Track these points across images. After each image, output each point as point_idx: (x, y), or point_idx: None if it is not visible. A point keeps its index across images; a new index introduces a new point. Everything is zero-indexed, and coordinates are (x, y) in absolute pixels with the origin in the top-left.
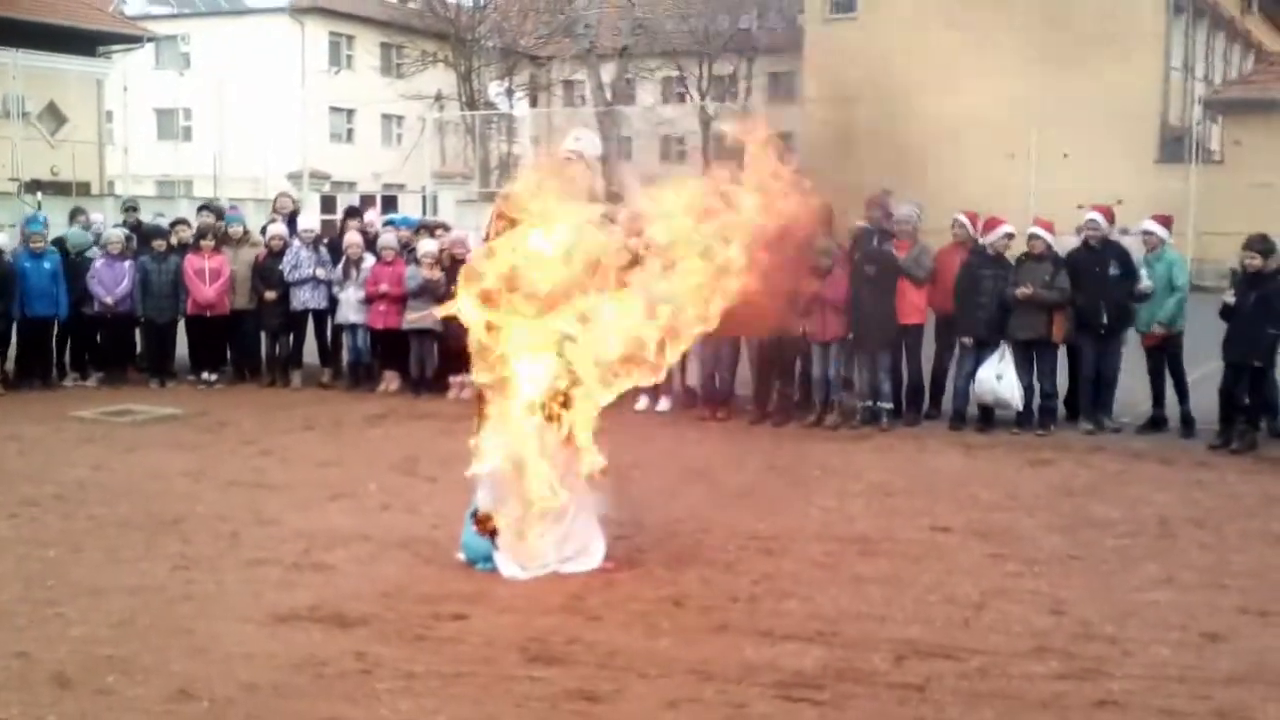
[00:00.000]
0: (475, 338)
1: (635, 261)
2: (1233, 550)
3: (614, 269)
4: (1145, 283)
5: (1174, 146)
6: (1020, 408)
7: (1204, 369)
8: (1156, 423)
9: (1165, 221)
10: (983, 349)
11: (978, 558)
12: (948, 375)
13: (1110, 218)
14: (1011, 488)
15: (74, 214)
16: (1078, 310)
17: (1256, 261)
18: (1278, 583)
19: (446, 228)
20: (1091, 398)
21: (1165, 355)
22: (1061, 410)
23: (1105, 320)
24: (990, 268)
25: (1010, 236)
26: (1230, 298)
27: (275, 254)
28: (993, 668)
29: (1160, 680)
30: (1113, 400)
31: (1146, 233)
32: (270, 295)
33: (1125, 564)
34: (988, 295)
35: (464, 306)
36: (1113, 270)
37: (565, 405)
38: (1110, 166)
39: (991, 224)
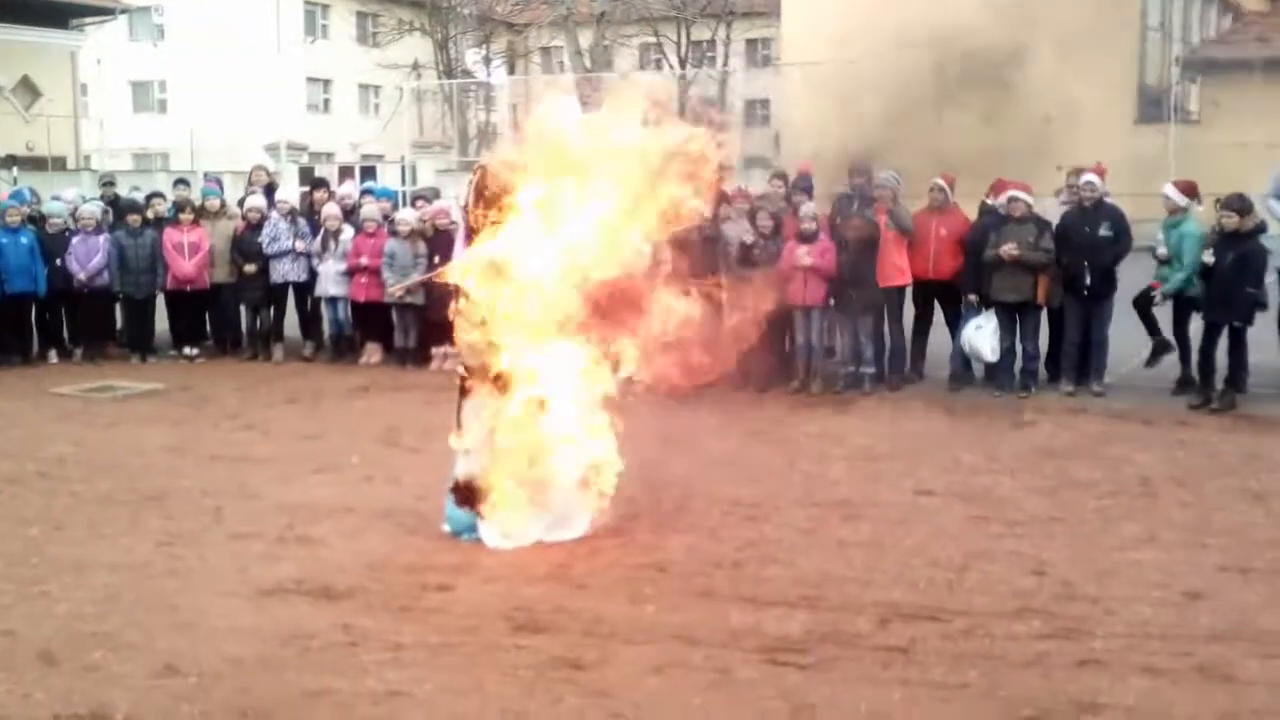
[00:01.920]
0: (465, 316)
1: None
2: (1213, 509)
3: None
4: (1160, 250)
5: (1152, 107)
6: (993, 359)
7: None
8: (1186, 382)
9: (1187, 189)
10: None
11: (960, 520)
12: (929, 339)
13: (1104, 177)
14: (993, 450)
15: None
16: (1064, 271)
17: (1234, 220)
18: (1258, 540)
19: (430, 199)
20: (1077, 361)
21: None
22: (1043, 372)
23: (1089, 282)
24: (1003, 226)
25: (1015, 200)
26: (1209, 257)
27: (253, 226)
28: (976, 629)
29: (1142, 638)
30: (1105, 365)
31: (1165, 197)
32: (250, 268)
33: (1107, 524)
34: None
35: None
36: (1103, 232)
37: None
38: (1089, 127)
39: (1000, 186)
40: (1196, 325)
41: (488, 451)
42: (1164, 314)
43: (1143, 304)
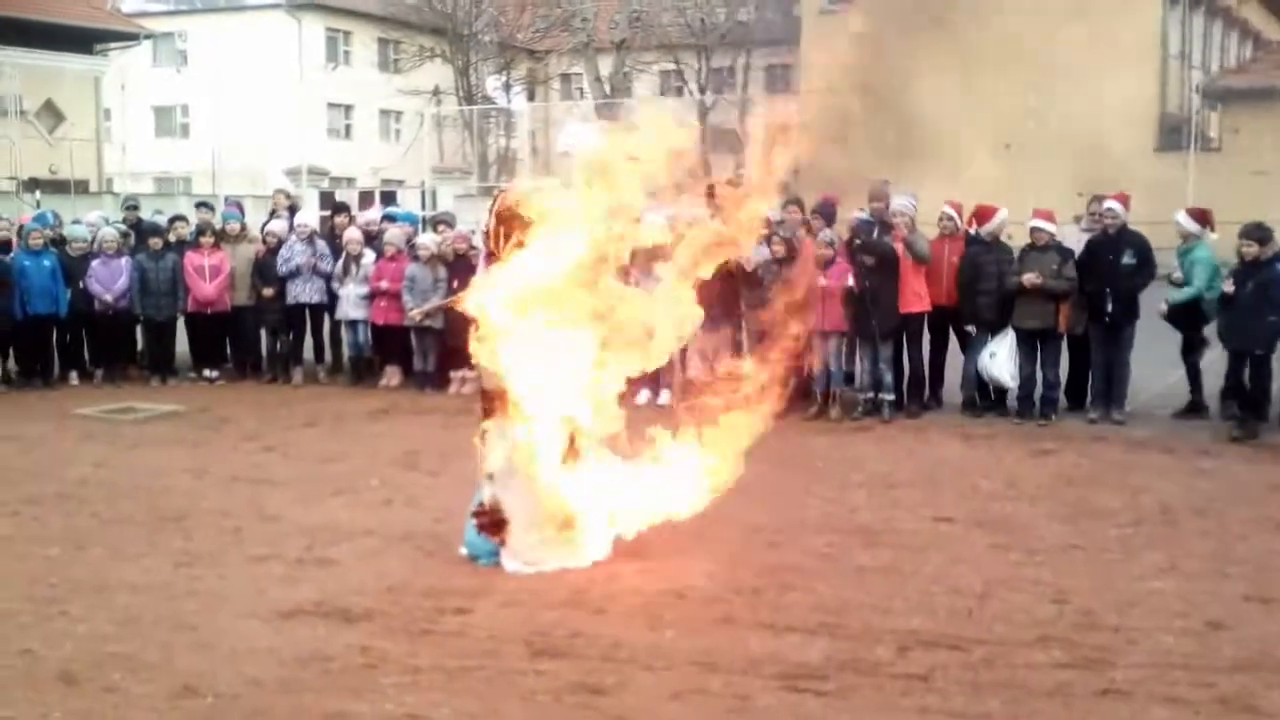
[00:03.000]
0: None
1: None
2: (1235, 538)
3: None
4: (1176, 274)
5: (1172, 135)
6: (1012, 385)
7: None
8: (1195, 408)
9: (1200, 216)
10: (993, 335)
11: (980, 548)
12: (945, 365)
13: (1127, 205)
14: (1013, 477)
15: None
16: (1088, 298)
17: (1254, 249)
18: None
19: (451, 223)
20: (1102, 388)
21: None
22: (1063, 400)
23: (1110, 309)
24: (989, 254)
25: (1004, 223)
26: (1229, 286)
27: (273, 250)
28: (997, 657)
29: (1164, 668)
30: (1125, 394)
31: (1178, 224)
32: (268, 292)
33: (1128, 553)
34: (992, 281)
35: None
36: (1126, 259)
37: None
38: (1109, 155)
39: (984, 213)
40: (1209, 355)
41: (509, 478)
42: (1174, 341)
43: (1191, 356)
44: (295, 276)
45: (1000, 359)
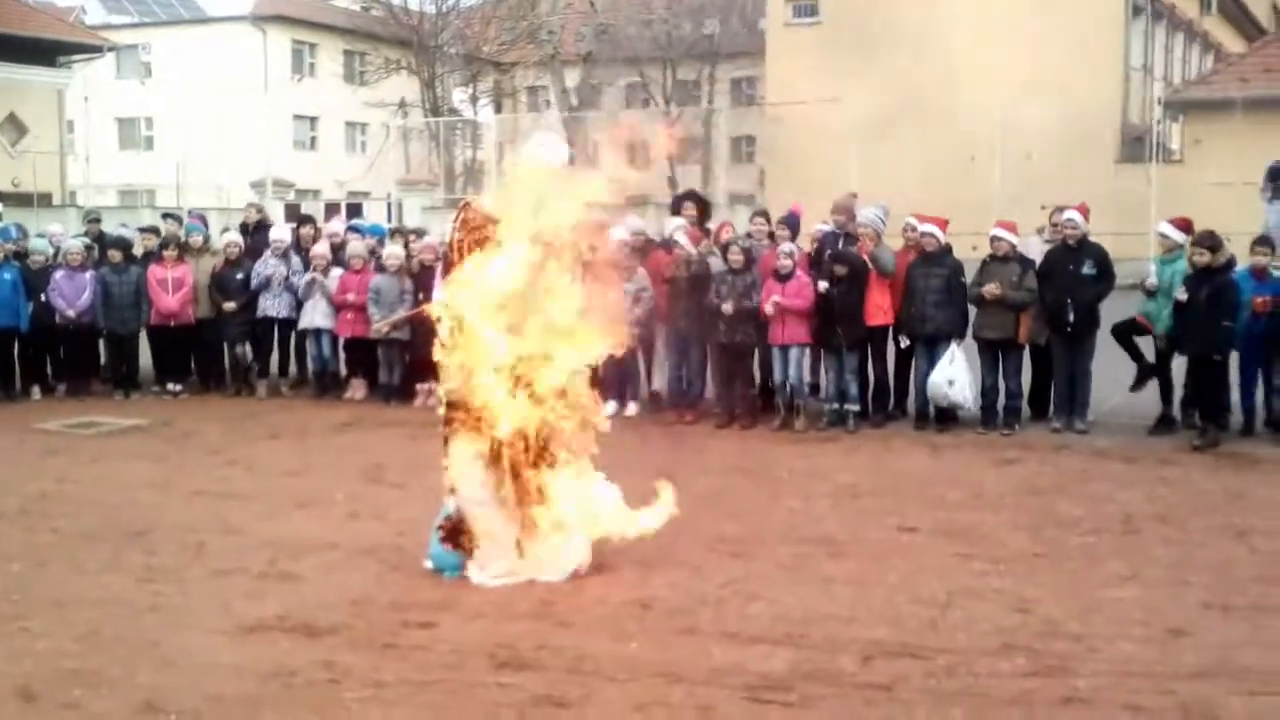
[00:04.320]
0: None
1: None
2: (1196, 546)
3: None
4: (1151, 279)
5: (1134, 146)
6: (974, 409)
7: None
8: (1165, 421)
9: (1184, 225)
10: (933, 347)
11: (944, 557)
12: (910, 377)
13: (1087, 216)
14: (977, 487)
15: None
16: (1048, 308)
17: (1205, 257)
18: (1240, 577)
19: (421, 234)
20: (1065, 397)
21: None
22: (1025, 410)
23: (1071, 319)
24: (924, 266)
25: (933, 235)
26: (1181, 294)
27: (232, 263)
28: (960, 666)
29: (1125, 676)
30: (1088, 402)
31: (1161, 235)
32: (229, 306)
33: (1090, 561)
34: (934, 294)
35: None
36: (1086, 270)
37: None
38: (1072, 167)
39: (924, 222)
40: (1178, 363)
41: (474, 491)
42: (1146, 349)
43: (1124, 332)
44: (266, 289)
45: (959, 384)
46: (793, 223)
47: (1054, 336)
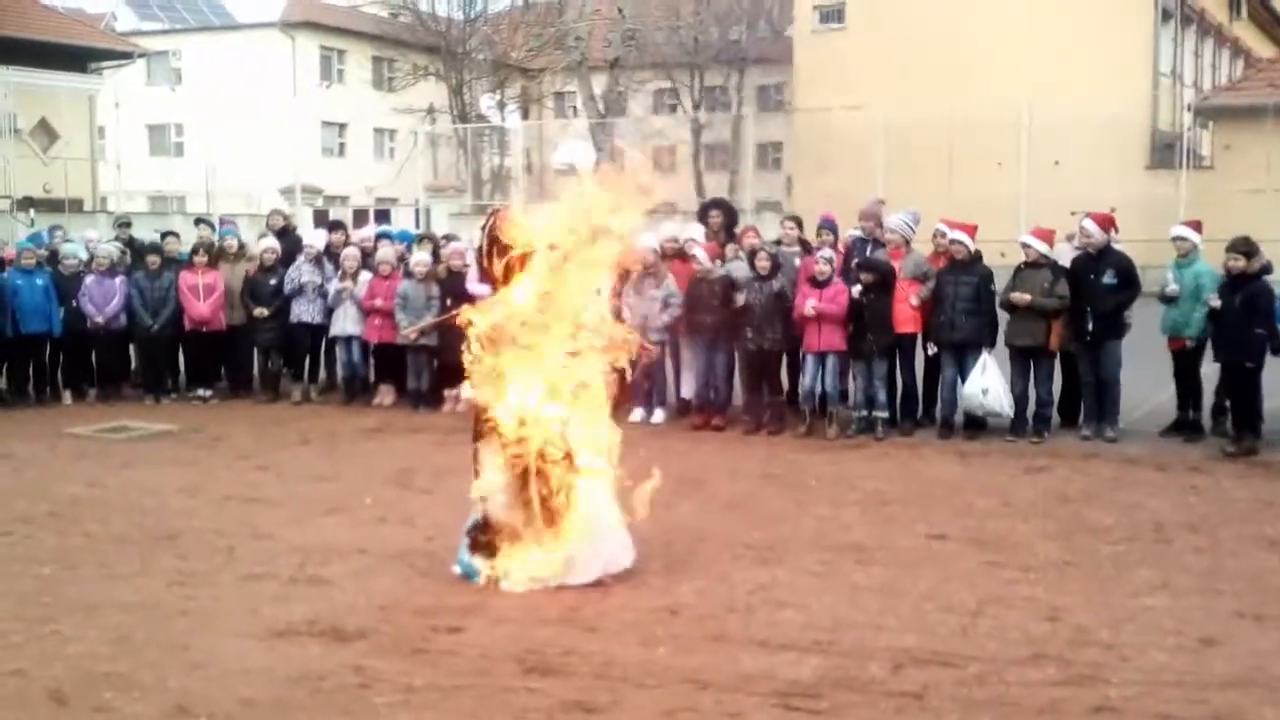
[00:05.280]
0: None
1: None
2: (1227, 555)
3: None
4: (1172, 286)
5: (1164, 153)
6: (1010, 414)
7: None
8: (1180, 426)
9: (1196, 226)
10: (962, 355)
11: (974, 565)
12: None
13: (1105, 225)
14: (1007, 495)
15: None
16: (1072, 316)
17: (1240, 263)
18: (1273, 587)
19: (450, 239)
20: (1094, 405)
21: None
22: (1055, 417)
23: (1090, 328)
24: (953, 273)
25: (962, 243)
26: (1215, 301)
27: (265, 269)
28: (990, 675)
29: (1157, 685)
30: (1117, 410)
31: (1177, 238)
32: (260, 312)
33: (1121, 570)
34: (964, 301)
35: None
36: (1106, 279)
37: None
38: (1101, 173)
39: (953, 229)
40: (1209, 369)
41: (503, 497)
42: (1167, 360)
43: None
44: (299, 295)
45: (994, 392)
46: (833, 227)
47: (1076, 344)
